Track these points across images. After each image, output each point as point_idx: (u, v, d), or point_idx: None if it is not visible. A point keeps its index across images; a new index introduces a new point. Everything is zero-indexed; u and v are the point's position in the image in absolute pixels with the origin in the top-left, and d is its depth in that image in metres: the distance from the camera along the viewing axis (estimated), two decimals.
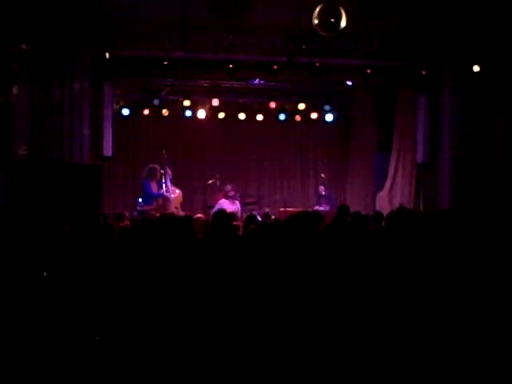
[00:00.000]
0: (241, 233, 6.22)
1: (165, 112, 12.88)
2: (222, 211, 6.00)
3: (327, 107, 13.36)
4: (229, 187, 11.31)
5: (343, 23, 7.42)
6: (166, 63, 10.14)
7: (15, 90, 9.46)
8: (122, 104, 12.53)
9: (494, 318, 4.04)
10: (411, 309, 4.11)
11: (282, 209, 11.90)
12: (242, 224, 6.68)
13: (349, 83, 12.27)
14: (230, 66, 10.33)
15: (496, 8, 9.64)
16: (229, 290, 4.25)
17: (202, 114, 12.89)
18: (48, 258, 4.83)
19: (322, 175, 13.17)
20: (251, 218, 6.52)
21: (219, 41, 9.82)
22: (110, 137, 11.04)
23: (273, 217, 10.60)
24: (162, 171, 10.67)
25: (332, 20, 7.42)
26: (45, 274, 4.63)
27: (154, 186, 10.63)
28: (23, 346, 4.16)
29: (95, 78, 10.35)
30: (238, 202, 11.22)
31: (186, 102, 12.56)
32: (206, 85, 12.42)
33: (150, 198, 10.56)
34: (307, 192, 14.15)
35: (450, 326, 4.04)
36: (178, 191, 10.91)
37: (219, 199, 11.35)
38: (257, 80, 12.18)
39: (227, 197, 11.20)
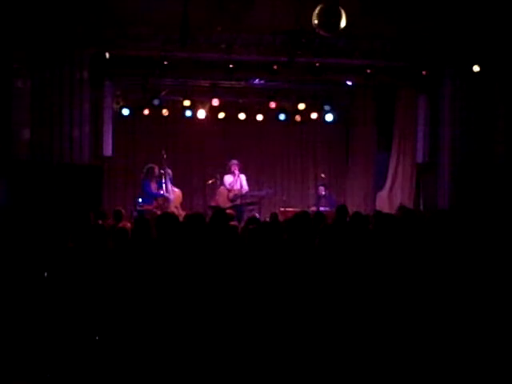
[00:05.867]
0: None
1: (165, 112, 12.87)
2: (220, 210, 5.99)
3: (327, 107, 13.34)
4: (233, 161, 11.55)
5: (343, 23, 7.42)
6: (165, 63, 10.14)
7: (15, 90, 9.46)
8: (122, 104, 12.52)
9: (493, 318, 4.04)
10: (410, 308, 4.11)
11: (282, 209, 11.91)
12: (244, 225, 6.66)
13: (349, 83, 12.27)
14: (230, 65, 10.34)
15: (496, 8, 9.63)
16: (228, 290, 4.25)
17: (201, 114, 12.88)
18: (49, 258, 4.83)
19: (322, 175, 13.16)
20: (253, 221, 6.49)
21: (219, 41, 9.81)
22: (109, 137, 11.05)
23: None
24: (162, 171, 10.68)
25: (332, 20, 7.42)
26: (45, 274, 4.63)
27: (153, 186, 10.65)
28: (24, 345, 4.16)
29: (95, 78, 10.35)
30: (242, 178, 11.38)
31: (186, 102, 12.55)
32: (206, 85, 12.41)
33: (149, 197, 10.57)
34: (307, 192, 14.14)
35: (449, 324, 4.03)
36: (177, 191, 10.93)
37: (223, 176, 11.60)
38: (257, 80, 12.18)
39: (230, 172, 11.52)
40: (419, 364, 3.87)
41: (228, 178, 11.57)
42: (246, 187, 11.61)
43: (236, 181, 11.50)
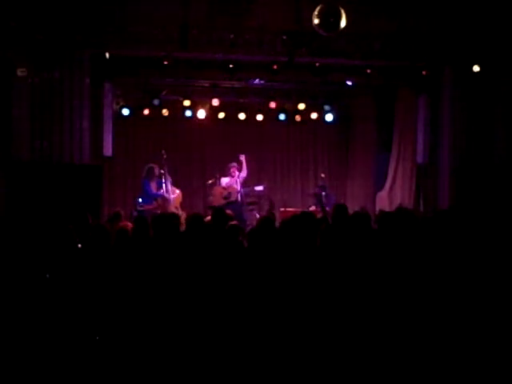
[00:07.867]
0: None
1: (165, 112, 12.87)
2: (219, 210, 5.98)
3: (327, 107, 13.35)
4: (233, 164, 11.50)
5: (343, 23, 7.43)
6: (166, 63, 10.15)
7: (15, 90, 9.46)
8: (122, 104, 12.52)
9: (493, 318, 4.04)
10: (410, 309, 4.11)
11: (282, 209, 11.91)
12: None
13: (349, 83, 12.27)
14: (230, 65, 10.34)
15: (496, 8, 9.64)
16: (228, 289, 4.25)
17: (201, 114, 12.89)
18: (51, 259, 4.83)
19: (322, 175, 13.16)
20: (267, 221, 6.39)
21: (219, 41, 9.81)
22: (110, 137, 11.02)
23: None
24: (162, 171, 10.69)
25: (332, 20, 7.43)
26: (47, 275, 4.63)
27: (153, 186, 10.65)
28: (25, 346, 4.16)
29: (95, 77, 10.35)
30: (238, 182, 11.38)
31: (186, 102, 12.55)
32: (206, 85, 12.40)
33: (149, 197, 10.57)
34: (307, 192, 14.14)
35: (449, 325, 4.03)
36: (177, 191, 10.93)
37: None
38: (257, 80, 12.17)
39: (227, 174, 11.45)
40: (420, 364, 3.87)
41: (225, 180, 11.51)
42: (244, 173, 11.52)
43: (233, 182, 11.43)
